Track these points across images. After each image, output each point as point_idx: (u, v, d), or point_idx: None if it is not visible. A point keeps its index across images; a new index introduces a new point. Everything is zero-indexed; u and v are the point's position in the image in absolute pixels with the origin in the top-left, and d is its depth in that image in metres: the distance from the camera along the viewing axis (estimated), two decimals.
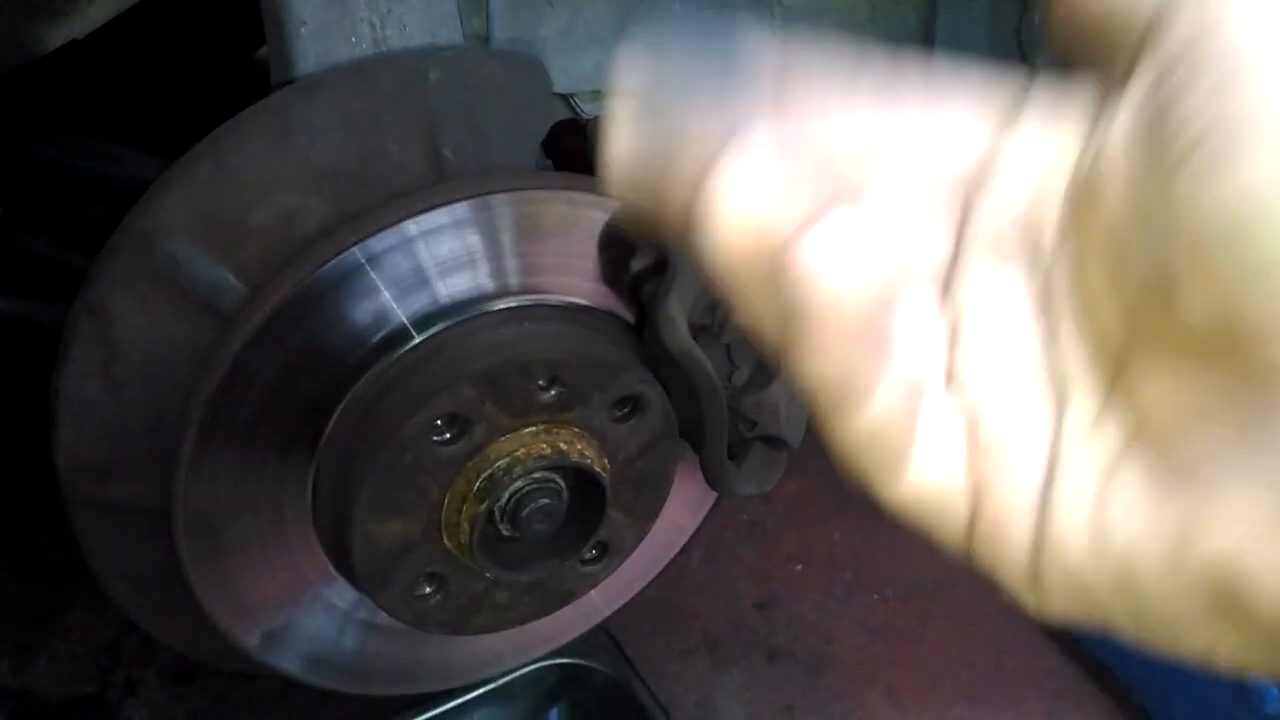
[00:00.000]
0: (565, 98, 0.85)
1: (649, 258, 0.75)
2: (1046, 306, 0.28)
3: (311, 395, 0.66)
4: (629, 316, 0.76)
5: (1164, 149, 0.24)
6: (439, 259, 0.67)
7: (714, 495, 0.91)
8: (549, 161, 0.78)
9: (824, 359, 0.26)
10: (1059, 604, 0.27)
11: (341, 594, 0.78)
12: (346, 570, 0.69)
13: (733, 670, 1.31)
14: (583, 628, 0.98)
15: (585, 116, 0.87)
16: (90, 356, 0.64)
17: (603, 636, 1.10)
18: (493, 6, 0.80)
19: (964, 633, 1.33)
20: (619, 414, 0.72)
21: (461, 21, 0.77)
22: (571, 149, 0.83)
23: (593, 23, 0.85)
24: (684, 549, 0.97)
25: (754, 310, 0.27)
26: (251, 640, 0.75)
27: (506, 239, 0.69)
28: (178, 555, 0.67)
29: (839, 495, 1.49)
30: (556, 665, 1.10)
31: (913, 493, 0.28)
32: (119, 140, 0.99)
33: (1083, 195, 0.27)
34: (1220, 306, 0.23)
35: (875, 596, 1.38)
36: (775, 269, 0.25)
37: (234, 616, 0.73)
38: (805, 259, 0.25)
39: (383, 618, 0.79)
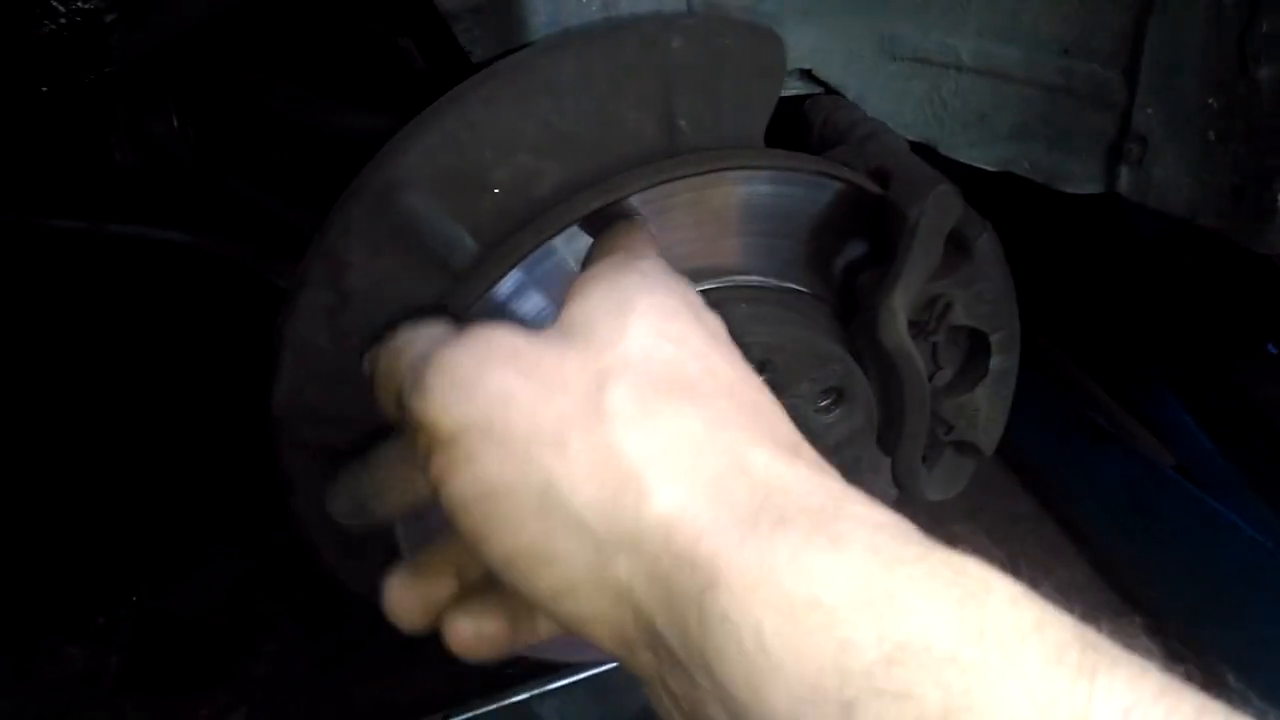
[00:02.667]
0: None
1: (862, 246, 0.73)
2: None
3: None
4: (835, 304, 0.74)
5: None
6: (662, 233, 0.66)
7: (889, 503, 0.89)
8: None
9: None
10: None
11: None
12: None
13: None
14: None
15: None
16: (319, 302, 0.64)
17: None
18: None
19: None
20: (822, 404, 0.71)
21: None
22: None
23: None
24: None
25: None
26: None
27: (730, 218, 0.68)
28: None
29: (972, 504, 1.45)
30: None
31: None
32: (312, 88, 1.00)
33: None
34: None
35: None
36: None
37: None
38: None
39: None
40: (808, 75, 0.87)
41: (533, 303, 0.65)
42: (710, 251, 0.68)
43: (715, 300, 0.68)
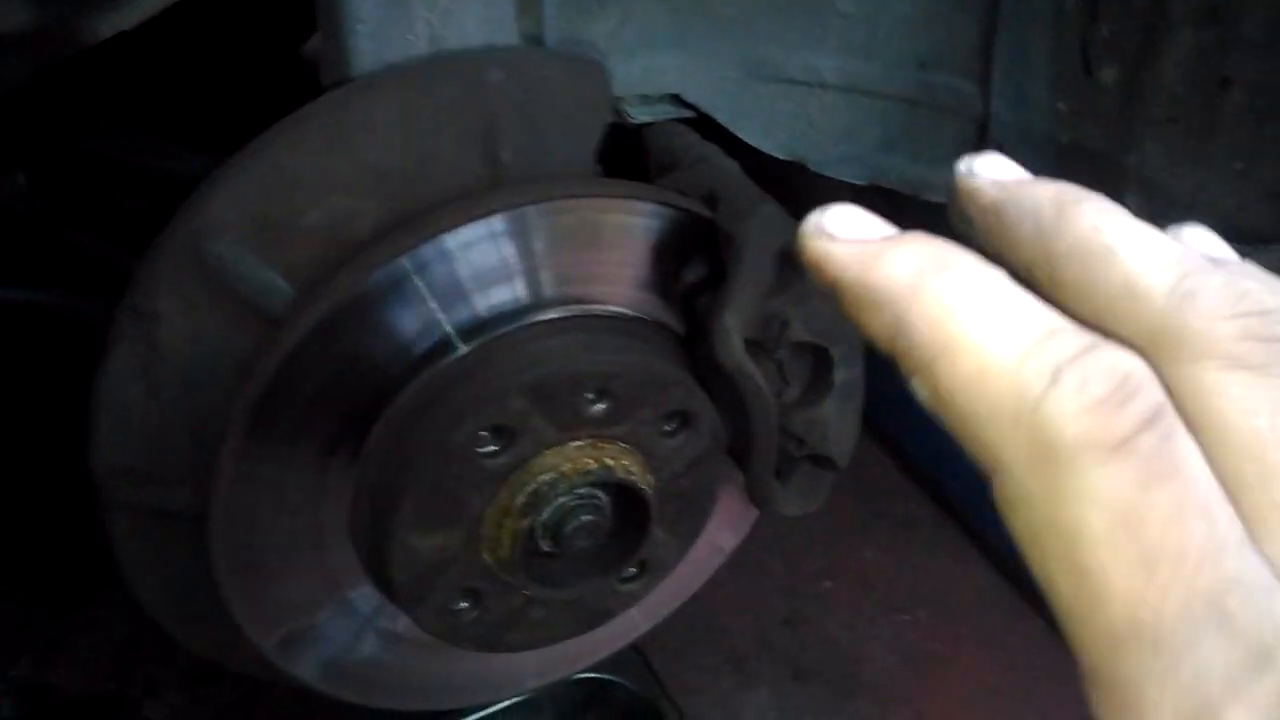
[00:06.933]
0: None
1: (703, 269, 0.73)
2: None
3: (356, 402, 0.64)
4: (678, 328, 0.74)
5: None
6: (489, 266, 0.65)
7: (752, 517, 0.89)
8: (599, 167, 0.76)
9: None
10: None
11: (366, 599, 0.76)
12: (384, 583, 0.67)
13: (759, 688, 1.29)
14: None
15: (633, 122, 0.85)
16: (132, 357, 0.62)
17: (630, 652, 1.08)
18: (545, 7, 0.78)
19: (997, 658, 1.30)
20: (667, 429, 0.70)
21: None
22: (618, 155, 0.81)
23: (643, 26, 0.83)
24: None
25: None
26: (271, 643, 0.73)
27: (560, 247, 0.67)
28: (210, 559, 0.65)
29: (870, 512, 1.46)
30: (582, 681, 1.08)
31: None
32: (164, 136, 0.97)
33: None
34: None
35: (906, 617, 1.36)
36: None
37: (259, 620, 0.71)
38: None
39: (403, 626, 0.77)
40: (677, 100, 0.88)
41: None
42: (539, 282, 0.67)
43: (547, 331, 0.68)
